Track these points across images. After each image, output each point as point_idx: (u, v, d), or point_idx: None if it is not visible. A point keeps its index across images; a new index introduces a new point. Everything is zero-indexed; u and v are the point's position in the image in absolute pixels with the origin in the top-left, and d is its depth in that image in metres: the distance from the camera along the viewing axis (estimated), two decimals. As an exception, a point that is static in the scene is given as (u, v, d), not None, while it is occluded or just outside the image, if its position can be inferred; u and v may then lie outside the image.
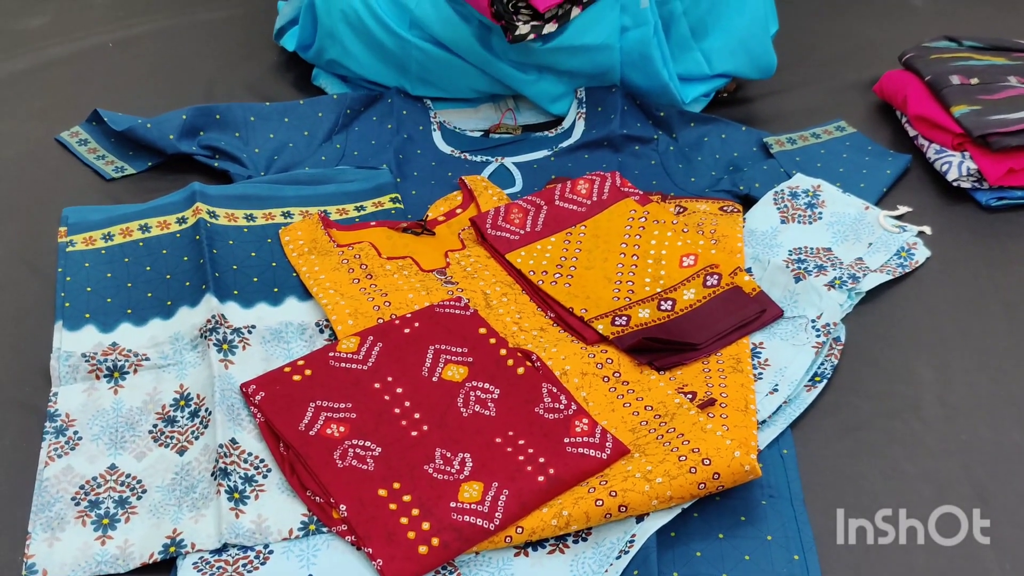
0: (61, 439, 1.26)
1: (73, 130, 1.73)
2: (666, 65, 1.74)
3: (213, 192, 1.54)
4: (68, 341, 1.35)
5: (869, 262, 1.51)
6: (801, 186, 1.62)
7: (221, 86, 1.87)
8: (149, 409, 1.29)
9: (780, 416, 1.31)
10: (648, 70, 1.73)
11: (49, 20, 2.02)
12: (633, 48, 1.71)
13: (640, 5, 1.69)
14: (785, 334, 1.39)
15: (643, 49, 1.71)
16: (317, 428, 1.24)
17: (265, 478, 1.22)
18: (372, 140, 1.72)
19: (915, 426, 1.32)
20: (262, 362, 1.33)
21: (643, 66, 1.73)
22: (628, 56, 1.72)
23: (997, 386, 1.38)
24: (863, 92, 1.89)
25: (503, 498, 1.17)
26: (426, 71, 1.76)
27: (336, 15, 1.75)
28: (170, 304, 1.40)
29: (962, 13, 2.11)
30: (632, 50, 1.72)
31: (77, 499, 1.20)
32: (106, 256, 1.45)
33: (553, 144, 1.73)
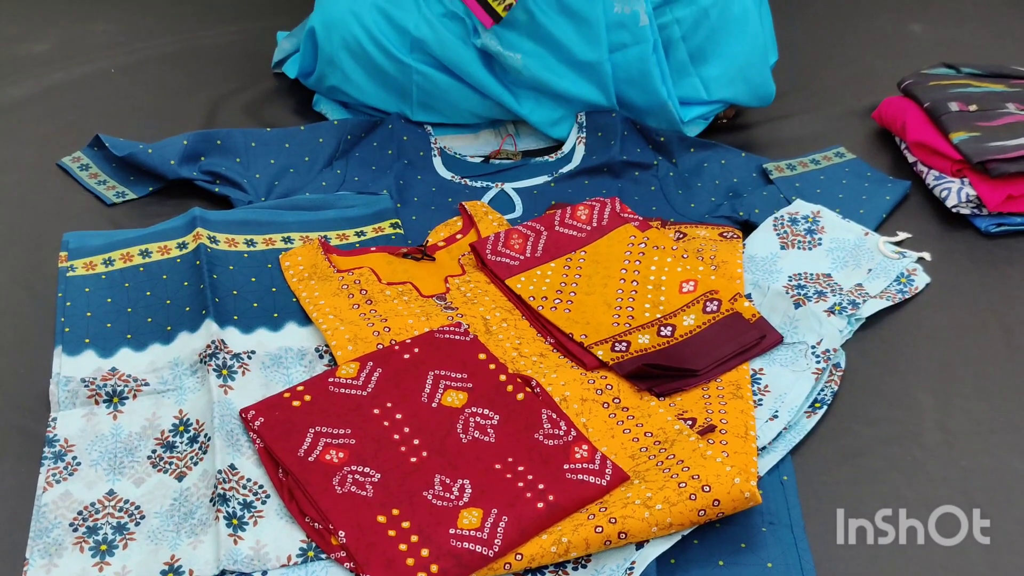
0: (60, 464, 1.26)
1: (74, 155, 1.73)
2: (665, 83, 1.74)
3: (214, 217, 1.54)
4: (68, 366, 1.35)
5: (869, 288, 1.51)
6: (801, 212, 1.62)
7: (223, 112, 1.87)
8: (148, 434, 1.29)
9: (780, 442, 1.31)
10: (647, 87, 1.73)
11: (52, 46, 2.03)
12: (632, 65, 1.72)
13: (639, 22, 1.70)
14: (785, 360, 1.39)
15: (642, 66, 1.72)
16: (316, 454, 1.23)
17: (264, 504, 1.21)
18: (372, 166, 1.73)
19: (915, 452, 1.32)
20: (262, 388, 1.33)
21: (642, 83, 1.73)
22: (627, 73, 1.73)
23: (997, 412, 1.38)
24: (862, 118, 1.89)
25: (502, 525, 1.16)
26: (427, 95, 1.77)
27: (336, 42, 1.76)
28: (170, 329, 1.40)
29: (961, 41, 2.12)
30: (631, 67, 1.72)
31: (75, 525, 1.20)
32: (106, 281, 1.46)
33: (553, 169, 1.73)
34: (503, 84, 1.75)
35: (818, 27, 2.16)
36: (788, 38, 1.96)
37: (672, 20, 1.74)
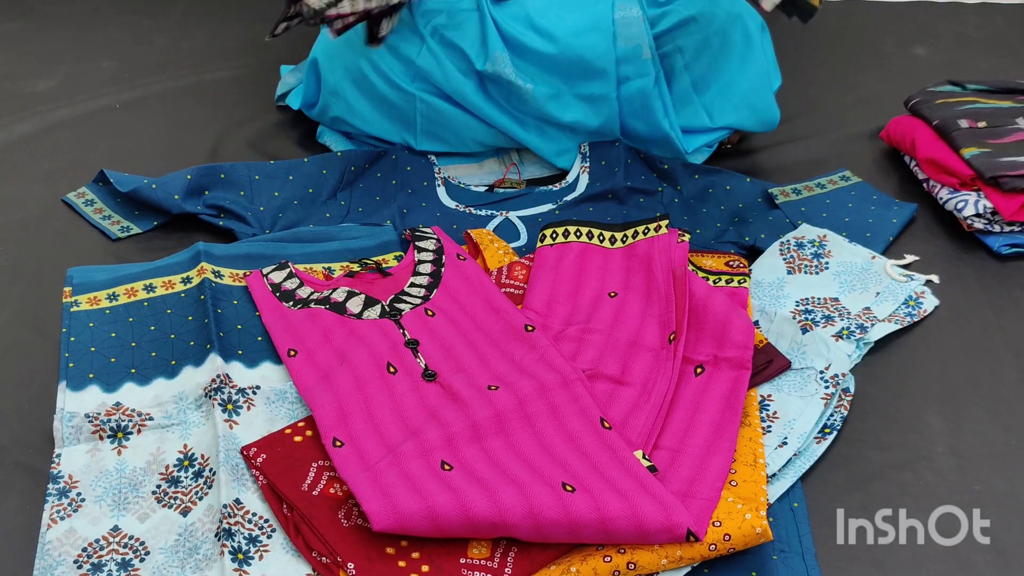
0: (64, 501, 1.25)
1: (79, 191, 1.74)
2: (668, 115, 1.74)
3: (218, 252, 1.54)
4: (71, 401, 1.34)
5: (877, 312, 1.50)
6: (807, 236, 1.61)
7: (227, 146, 1.88)
8: (153, 470, 1.28)
9: (790, 469, 1.29)
10: (649, 120, 1.74)
11: (57, 83, 2.04)
12: (635, 98, 1.72)
13: (642, 55, 1.70)
14: (793, 386, 1.37)
15: (644, 99, 1.72)
16: (320, 487, 1.22)
17: (269, 538, 1.20)
18: (376, 196, 1.72)
19: (928, 477, 1.31)
20: (266, 422, 1.33)
21: (645, 116, 1.73)
22: (630, 106, 1.73)
23: (1009, 435, 1.36)
24: (868, 141, 1.89)
25: (512, 555, 1.15)
26: (431, 124, 1.77)
27: (340, 72, 1.76)
28: (174, 364, 1.40)
29: (964, 63, 2.12)
30: (634, 100, 1.72)
31: (80, 562, 1.19)
32: (110, 316, 1.45)
33: (558, 198, 1.73)
34: (508, 113, 1.75)
35: (822, 51, 2.16)
36: (792, 63, 1.96)
37: (675, 49, 1.74)
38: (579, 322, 1.42)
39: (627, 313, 1.42)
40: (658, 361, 1.36)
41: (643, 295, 1.44)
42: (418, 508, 1.14)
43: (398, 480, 1.18)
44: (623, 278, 1.48)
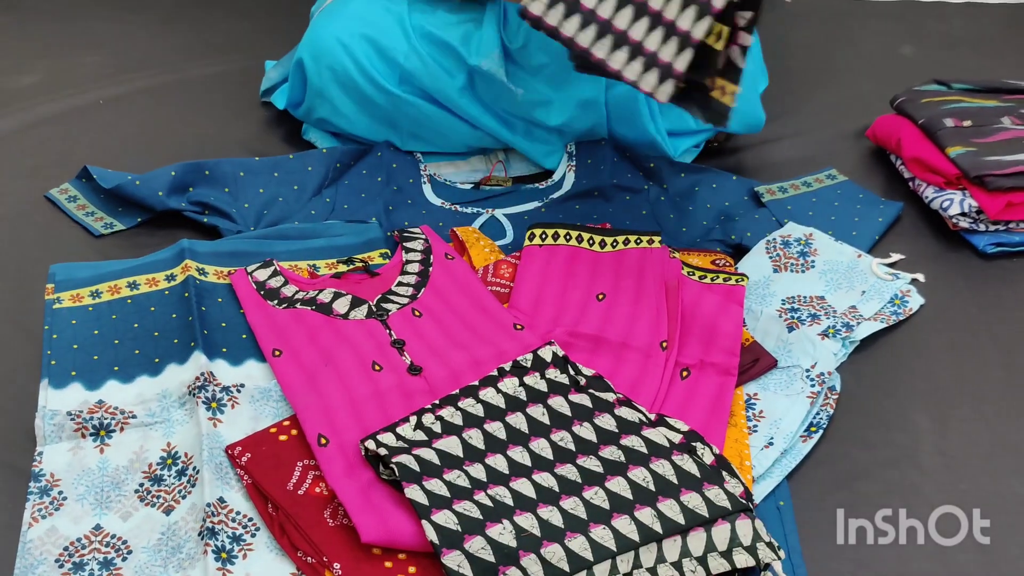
0: (45, 499, 1.24)
1: (62, 187, 1.72)
2: (654, 120, 1.74)
3: (202, 249, 1.53)
4: (53, 399, 1.33)
5: (863, 310, 1.50)
6: (793, 235, 1.61)
7: (212, 143, 1.86)
8: (135, 468, 1.27)
9: (776, 468, 1.29)
10: (636, 125, 1.73)
11: (40, 78, 2.03)
12: (621, 103, 1.72)
13: None
14: (779, 384, 1.37)
15: (630, 104, 1.71)
16: (306, 487, 1.22)
17: (253, 537, 1.20)
18: (362, 193, 1.72)
19: (914, 476, 1.31)
20: (251, 421, 1.32)
21: (631, 121, 1.73)
22: (616, 111, 1.73)
23: (995, 434, 1.37)
24: (854, 141, 1.89)
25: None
26: (417, 126, 1.76)
27: (325, 74, 1.75)
28: (158, 361, 1.38)
29: (951, 63, 2.12)
30: (620, 105, 1.72)
31: (61, 561, 1.18)
32: (93, 313, 1.44)
33: (544, 195, 1.72)
34: (495, 115, 1.75)
35: (808, 51, 2.16)
36: (778, 62, 1.96)
37: None
38: (566, 323, 1.42)
39: (616, 315, 1.42)
40: (647, 362, 1.36)
41: (632, 298, 1.44)
42: (408, 527, 1.14)
43: (387, 494, 1.18)
44: (612, 281, 1.47)
